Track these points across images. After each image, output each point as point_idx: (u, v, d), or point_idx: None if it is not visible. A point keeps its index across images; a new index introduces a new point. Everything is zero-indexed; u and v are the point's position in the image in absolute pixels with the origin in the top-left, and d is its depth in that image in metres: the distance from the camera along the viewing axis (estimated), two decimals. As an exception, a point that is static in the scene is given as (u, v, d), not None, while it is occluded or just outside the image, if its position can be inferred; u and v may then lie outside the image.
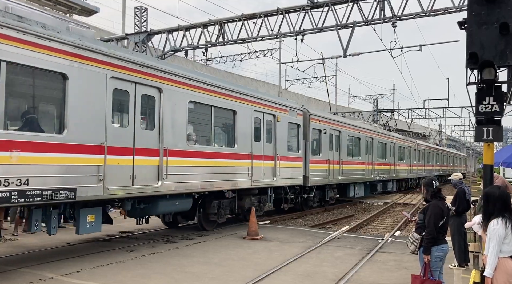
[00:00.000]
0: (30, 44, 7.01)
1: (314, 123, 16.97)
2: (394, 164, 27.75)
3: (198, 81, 10.84)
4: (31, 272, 7.43)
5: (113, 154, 8.44)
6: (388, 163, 26.56)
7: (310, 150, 16.46)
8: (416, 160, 34.36)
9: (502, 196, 4.60)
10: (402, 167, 29.94)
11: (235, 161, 12.10)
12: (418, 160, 35.20)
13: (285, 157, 14.64)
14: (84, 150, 7.84)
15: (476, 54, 5.37)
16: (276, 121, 14.14)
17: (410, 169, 32.54)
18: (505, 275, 4.36)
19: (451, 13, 14.60)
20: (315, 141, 17.38)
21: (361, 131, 22.35)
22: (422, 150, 37.00)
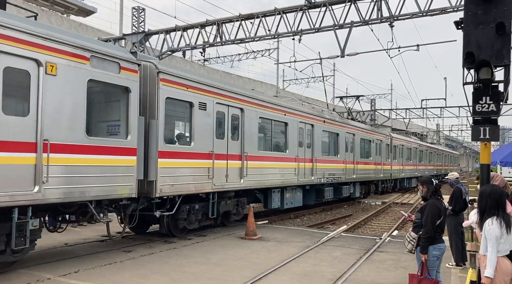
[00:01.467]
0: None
1: (170, 88, 10.00)
2: (353, 161, 21.43)
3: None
4: (29, 272, 7.41)
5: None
6: (342, 160, 19.95)
7: (161, 135, 9.73)
8: (390, 157, 28.34)
9: (493, 194, 4.61)
10: (368, 165, 23.80)
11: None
12: (394, 157, 29.26)
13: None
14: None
15: (472, 54, 5.39)
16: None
17: (382, 169, 26.36)
18: (501, 274, 4.38)
19: (448, 13, 14.66)
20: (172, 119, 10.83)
21: (286, 112, 14.97)
22: (399, 145, 30.96)
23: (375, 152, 25.15)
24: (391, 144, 28.78)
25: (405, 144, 32.95)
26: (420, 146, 38.65)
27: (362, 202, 23.91)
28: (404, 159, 32.08)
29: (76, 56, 7.88)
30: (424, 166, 39.99)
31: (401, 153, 31.35)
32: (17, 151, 6.89)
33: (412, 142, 36.29)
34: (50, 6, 26.15)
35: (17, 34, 6.91)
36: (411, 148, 34.86)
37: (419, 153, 37.58)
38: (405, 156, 32.72)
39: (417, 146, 37.11)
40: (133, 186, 8.89)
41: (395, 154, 29.68)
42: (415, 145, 36.73)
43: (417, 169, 36.83)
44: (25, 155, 6.99)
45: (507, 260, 4.44)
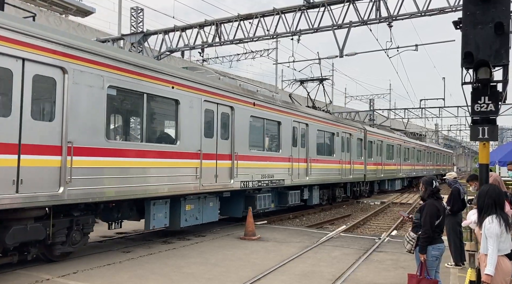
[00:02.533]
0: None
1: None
2: (307, 159, 16.57)
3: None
4: (27, 273, 7.40)
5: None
6: (287, 157, 15.21)
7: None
8: (364, 155, 23.55)
9: (491, 192, 4.62)
10: (329, 164, 18.85)
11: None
12: (370, 155, 24.58)
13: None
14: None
15: (471, 54, 5.40)
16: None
17: (351, 169, 21.45)
18: (501, 273, 4.38)
19: (447, 13, 14.67)
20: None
21: (216, 95, 11.52)
22: (377, 141, 25.90)
23: (340, 148, 19.98)
24: (365, 139, 23.85)
25: (385, 140, 27.89)
26: (405, 143, 33.83)
27: (361, 202, 23.92)
28: (384, 157, 27.28)
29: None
30: (411, 165, 35.18)
31: (379, 150, 26.41)
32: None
33: (395, 138, 31.15)
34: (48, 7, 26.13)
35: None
36: (394, 144, 30.04)
37: (404, 151, 33.02)
38: (386, 154, 27.89)
39: (401, 143, 32.27)
40: None
41: (371, 151, 24.79)
42: (399, 141, 31.74)
43: (402, 169, 32.02)
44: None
45: (507, 260, 4.44)
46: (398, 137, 32.27)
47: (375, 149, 25.71)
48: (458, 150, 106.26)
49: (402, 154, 32.18)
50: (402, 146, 32.47)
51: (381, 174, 26.90)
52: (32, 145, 7.08)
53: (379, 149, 26.55)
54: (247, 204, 13.30)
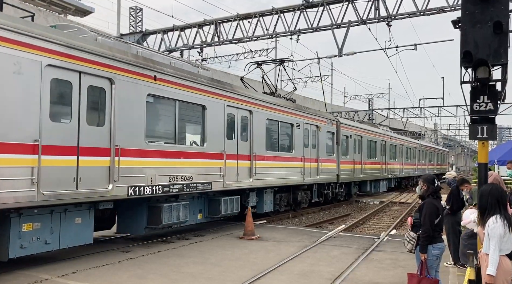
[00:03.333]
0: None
1: None
2: (250, 155, 13.04)
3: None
4: (26, 273, 7.39)
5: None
6: (218, 152, 11.57)
7: None
8: (337, 152, 19.75)
9: (494, 192, 4.61)
10: (286, 163, 15.14)
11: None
12: (345, 152, 21.01)
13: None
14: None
15: (470, 53, 5.40)
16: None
17: (318, 167, 17.45)
18: (503, 273, 4.39)
19: (446, 12, 14.70)
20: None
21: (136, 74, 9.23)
22: (354, 136, 22.19)
23: (302, 142, 16.34)
24: (339, 133, 19.99)
25: (366, 135, 24.10)
26: (392, 139, 30.01)
27: (360, 201, 23.93)
28: (364, 155, 23.62)
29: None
30: (399, 164, 31.52)
31: (358, 147, 22.79)
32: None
33: (379, 134, 27.13)
34: (47, 6, 26.10)
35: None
36: (377, 140, 26.25)
37: (391, 148, 29.12)
38: (367, 151, 24.27)
39: (387, 139, 28.40)
40: None
41: (346, 147, 21.16)
42: (383, 137, 27.81)
43: (388, 169, 28.14)
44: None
45: (508, 259, 4.45)
46: (382, 132, 28.36)
47: (352, 145, 21.98)
48: (457, 149, 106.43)
49: (388, 151, 28.16)
50: (388, 142, 28.48)
51: (360, 174, 22.92)
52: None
53: (358, 145, 22.77)
54: (150, 217, 9.95)
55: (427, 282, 5.39)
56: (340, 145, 20.07)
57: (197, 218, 11.62)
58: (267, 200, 14.62)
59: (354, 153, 22.18)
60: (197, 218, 11.62)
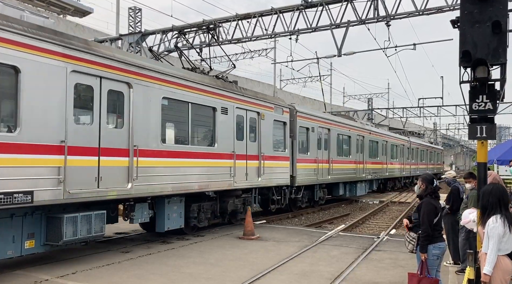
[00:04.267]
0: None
1: None
2: (129, 151, 9.02)
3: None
4: (26, 274, 7.39)
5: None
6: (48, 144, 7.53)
7: None
8: (287, 146, 15.49)
9: (495, 191, 4.62)
10: (207, 161, 11.33)
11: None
12: (305, 149, 17.10)
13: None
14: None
15: (469, 53, 5.40)
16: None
17: (260, 167, 13.60)
18: (501, 272, 4.39)
19: (444, 12, 14.70)
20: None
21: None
22: (316, 128, 17.82)
23: (233, 134, 12.31)
24: (295, 123, 16.01)
25: (335, 128, 19.77)
26: (373, 134, 25.55)
27: (360, 201, 23.93)
28: (333, 152, 19.30)
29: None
30: (382, 164, 27.24)
31: (324, 142, 18.63)
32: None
33: (354, 127, 22.60)
34: (46, 7, 26.10)
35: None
36: (352, 135, 21.92)
37: (370, 145, 25.06)
38: (337, 148, 19.99)
39: (365, 134, 24.13)
40: None
41: (306, 141, 17.12)
42: (361, 131, 23.51)
43: (367, 169, 24.08)
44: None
45: (508, 259, 4.45)
46: (359, 126, 23.78)
47: (316, 140, 17.76)
48: (456, 149, 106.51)
49: (367, 148, 23.97)
50: (367, 138, 24.28)
51: (327, 175, 18.74)
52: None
53: (324, 140, 18.63)
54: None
55: (427, 282, 5.40)
56: (296, 138, 16.02)
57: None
58: (172, 213, 10.54)
59: (318, 149, 17.93)
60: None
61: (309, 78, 40.51)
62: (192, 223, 11.41)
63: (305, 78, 41.01)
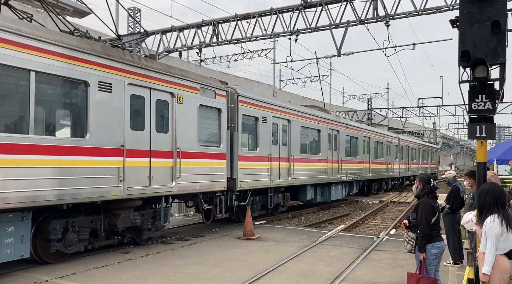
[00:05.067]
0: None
1: None
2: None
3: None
4: (26, 275, 7.39)
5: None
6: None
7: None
8: (222, 141, 12.01)
9: (492, 191, 4.62)
10: (64, 158, 7.62)
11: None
12: (254, 144, 13.76)
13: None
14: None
15: (468, 53, 5.40)
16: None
17: (175, 168, 10.22)
18: (499, 272, 4.40)
19: (444, 11, 14.71)
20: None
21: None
22: (274, 120, 14.62)
23: (120, 122, 8.94)
24: (235, 112, 12.58)
25: (297, 119, 16.18)
26: (349, 129, 21.67)
27: (360, 201, 23.94)
28: (295, 149, 15.81)
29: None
30: (364, 163, 23.72)
31: (281, 136, 15.04)
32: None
33: (324, 120, 18.64)
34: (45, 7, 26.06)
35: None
36: (322, 129, 18.22)
37: (348, 141, 21.64)
38: (301, 143, 16.42)
39: (341, 128, 20.39)
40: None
41: (255, 135, 13.72)
42: (334, 124, 19.68)
43: (343, 169, 20.28)
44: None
45: (506, 258, 4.45)
46: (332, 119, 19.81)
47: (269, 132, 14.22)
48: (456, 149, 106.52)
49: (342, 145, 20.43)
50: (343, 133, 20.66)
51: (287, 177, 15.21)
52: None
53: (281, 133, 15.10)
54: None
55: (426, 282, 5.40)
56: (237, 130, 12.56)
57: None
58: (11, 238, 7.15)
59: (274, 144, 14.55)
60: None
61: (308, 78, 40.56)
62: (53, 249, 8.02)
63: (304, 79, 41.05)
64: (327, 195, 19.39)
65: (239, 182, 12.57)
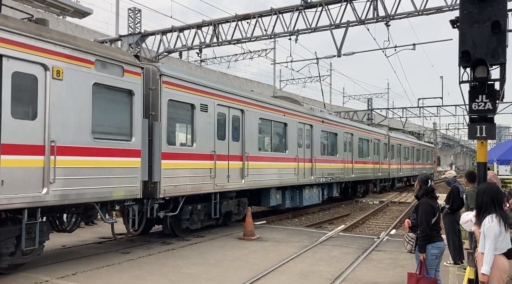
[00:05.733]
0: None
1: None
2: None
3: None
4: (26, 275, 7.39)
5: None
6: None
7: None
8: (129, 134, 9.02)
9: (489, 191, 4.63)
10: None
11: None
12: (191, 139, 10.89)
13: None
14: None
15: (468, 53, 5.41)
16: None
17: (47, 168, 7.25)
18: (498, 272, 4.40)
19: (444, 12, 14.72)
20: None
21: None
22: (222, 110, 11.96)
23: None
24: (159, 95, 9.84)
25: (254, 109, 13.50)
26: (326, 124, 18.71)
27: (360, 201, 23.93)
28: (250, 145, 13.19)
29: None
30: (345, 163, 20.80)
31: (229, 129, 12.35)
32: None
33: (291, 111, 15.84)
34: (45, 8, 26.09)
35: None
36: (289, 122, 15.49)
37: (325, 137, 18.97)
38: (257, 139, 13.70)
39: (315, 123, 17.57)
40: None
41: (191, 126, 11.04)
42: (305, 118, 16.89)
43: (317, 169, 17.51)
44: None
45: (504, 258, 4.46)
46: (303, 111, 16.97)
47: (212, 124, 11.49)
48: (456, 149, 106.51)
49: (317, 142, 17.65)
50: (318, 128, 17.78)
51: (239, 179, 12.56)
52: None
53: (231, 126, 12.42)
54: None
55: (426, 282, 5.40)
56: (160, 120, 9.76)
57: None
58: None
59: (219, 139, 11.79)
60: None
61: (308, 78, 40.55)
62: None
63: (304, 79, 41.04)
64: (298, 199, 16.68)
65: (163, 187, 9.65)
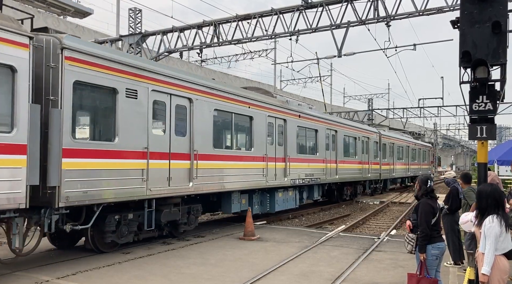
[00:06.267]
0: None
1: None
2: None
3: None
4: (27, 275, 7.39)
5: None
6: None
7: None
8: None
9: (493, 193, 4.64)
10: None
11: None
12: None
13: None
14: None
15: (469, 53, 5.41)
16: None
17: None
18: (498, 272, 4.40)
19: (444, 12, 14.71)
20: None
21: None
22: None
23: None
24: (61, 74, 7.48)
25: (206, 99, 11.15)
26: (303, 118, 16.60)
27: (360, 202, 23.92)
28: (200, 141, 10.90)
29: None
30: (326, 162, 18.50)
31: (170, 122, 10.02)
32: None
33: (262, 104, 13.90)
34: (46, 8, 26.12)
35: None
36: (255, 116, 13.43)
37: (300, 135, 16.44)
38: (212, 134, 11.37)
39: (290, 118, 15.52)
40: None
41: (113, 115, 8.61)
42: (278, 112, 14.85)
43: (292, 169, 15.48)
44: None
45: (505, 259, 4.46)
46: (276, 104, 14.88)
47: (143, 114, 9.26)
48: (457, 149, 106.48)
49: (292, 139, 15.65)
50: (293, 123, 15.79)
51: (186, 182, 10.41)
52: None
53: (175, 117, 10.24)
54: None
55: (426, 282, 5.40)
56: (61, 106, 7.52)
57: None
58: None
59: (159, 133, 9.87)
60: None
61: (309, 78, 40.52)
62: None
63: (305, 79, 41.02)
64: (269, 204, 14.69)
65: (64, 194, 7.52)
